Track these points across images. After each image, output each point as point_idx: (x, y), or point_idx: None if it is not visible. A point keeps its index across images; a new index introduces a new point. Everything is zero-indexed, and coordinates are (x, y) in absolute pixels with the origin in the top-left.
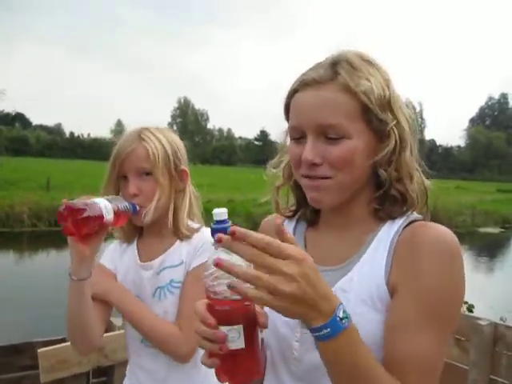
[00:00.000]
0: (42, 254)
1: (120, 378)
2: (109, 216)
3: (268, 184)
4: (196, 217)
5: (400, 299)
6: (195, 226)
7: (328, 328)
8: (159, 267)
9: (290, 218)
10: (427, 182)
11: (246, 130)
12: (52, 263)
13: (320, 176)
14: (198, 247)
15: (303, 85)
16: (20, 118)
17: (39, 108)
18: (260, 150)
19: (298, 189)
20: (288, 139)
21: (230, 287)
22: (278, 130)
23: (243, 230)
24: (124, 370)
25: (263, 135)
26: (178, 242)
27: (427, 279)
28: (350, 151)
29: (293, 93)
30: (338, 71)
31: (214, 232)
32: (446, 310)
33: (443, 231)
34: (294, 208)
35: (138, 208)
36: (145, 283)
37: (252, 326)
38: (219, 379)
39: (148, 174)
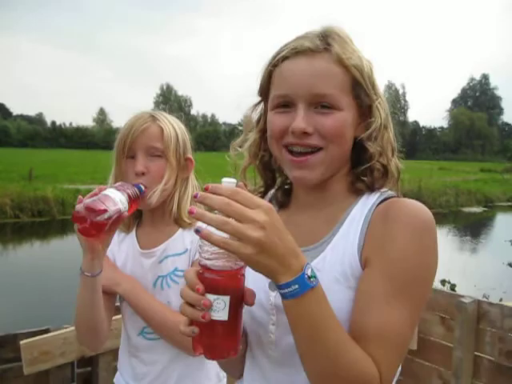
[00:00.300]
0: (25, 245)
1: (105, 367)
2: (125, 208)
3: (230, 165)
4: (198, 206)
5: (371, 272)
6: None
7: (296, 284)
8: (161, 255)
9: None
10: (398, 163)
11: (229, 116)
12: (36, 254)
13: (312, 145)
14: None
15: (295, 52)
16: (0, 109)
17: (20, 98)
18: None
19: (265, 169)
20: (254, 116)
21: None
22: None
23: (216, 184)
24: (108, 359)
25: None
26: (179, 230)
27: (400, 254)
28: (342, 123)
29: (281, 60)
30: (330, 43)
31: None
32: (417, 285)
33: (418, 206)
34: (262, 189)
35: (143, 189)
36: (145, 272)
37: (238, 301)
38: (194, 350)
39: (157, 156)
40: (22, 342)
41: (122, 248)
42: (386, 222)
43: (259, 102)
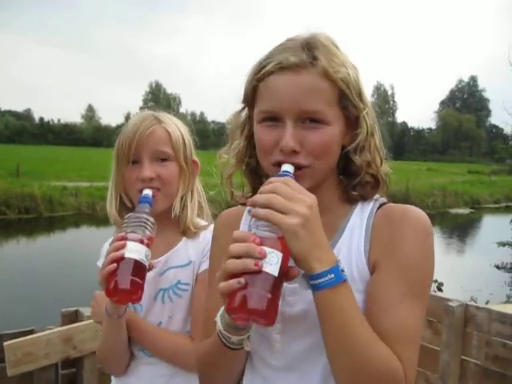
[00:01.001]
0: (11, 242)
1: (89, 368)
2: (148, 259)
3: (218, 172)
4: (205, 212)
5: (382, 274)
6: (203, 223)
7: (332, 274)
8: (163, 267)
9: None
10: (386, 168)
11: (218, 114)
12: (22, 251)
13: (299, 164)
14: (207, 247)
15: (280, 68)
16: None
17: (8, 93)
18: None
19: (252, 174)
20: (240, 123)
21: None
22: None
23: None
24: (93, 360)
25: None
26: (183, 239)
27: (409, 256)
28: (329, 138)
29: (266, 75)
30: (316, 56)
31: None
32: (423, 284)
33: (419, 211)
34: (249, 195)
35: (151, 197)
36: (147, 284)
37: (285, 269)
38: (230, 309)
39: (164, 160)
40: (5, 343)
41: None
42: (391, 227)
43: (243, 109)
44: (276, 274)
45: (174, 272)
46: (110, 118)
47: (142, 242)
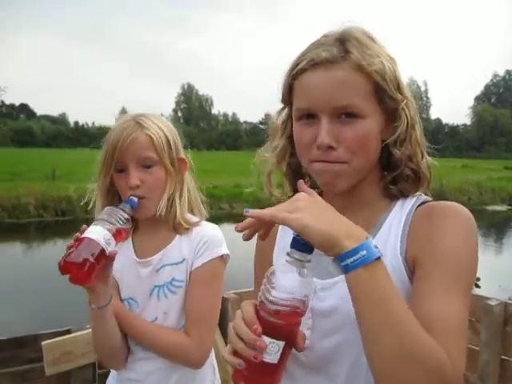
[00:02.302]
0: (49, 244)
1: None
2: (110, 247)
3: (254, 170)
4: (197, 209)
5: (423, 269)
6: (194, 219)
7: (364, 250)
8: (158, 264)
9: None
10: (430, 160)
11: (250, 114)
12: (59, 253)
13: (334, 160)
14: (199, 244)
15: (313, 64)
16: (24, 109)
17: (43, 98)
18: (266, 134)
19: (294, 174)
20: (280, 121)
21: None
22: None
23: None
24: None
25: (268, 119)
26: (177, 237)
27: (447, 246)
28: (366, 132)
29: (299, 72)
30: (348, 49)
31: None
32: (467, 275)
33: (461, 207)
34: (290, 195)
35: (136, 202)
36: (142, 281)
37: (290, 346)
38: (235, 381)
39: (149, 166)
40: (43, 343)
41: (119, 257)
42: (432, 220)
43: (283, 108)
44: (275, 361)
45: (168, 269)
46: None
47: (105, 227)
